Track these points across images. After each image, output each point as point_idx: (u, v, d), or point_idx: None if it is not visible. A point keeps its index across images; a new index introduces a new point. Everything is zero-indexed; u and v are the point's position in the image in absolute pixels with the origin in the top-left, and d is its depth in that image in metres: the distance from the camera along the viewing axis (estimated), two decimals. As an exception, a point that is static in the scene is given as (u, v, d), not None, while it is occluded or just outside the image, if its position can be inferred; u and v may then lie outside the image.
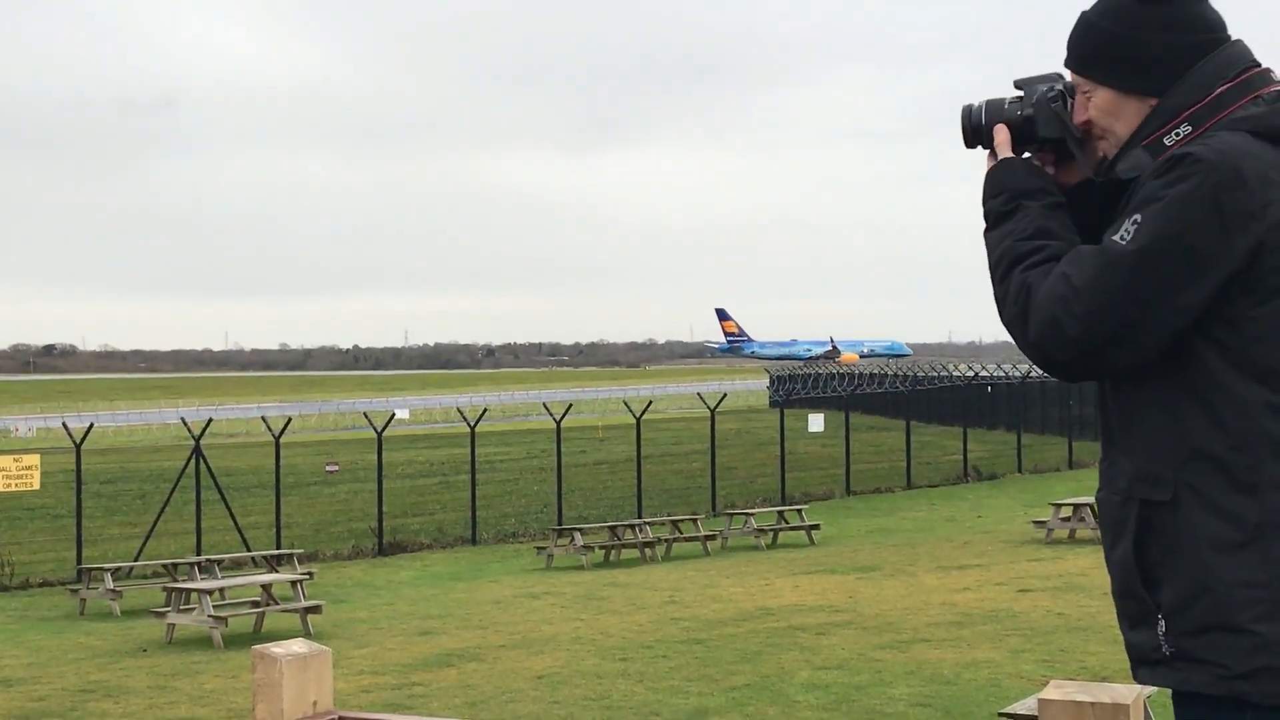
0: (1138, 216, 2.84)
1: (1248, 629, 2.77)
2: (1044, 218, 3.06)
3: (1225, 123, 2.91)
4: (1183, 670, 2.85)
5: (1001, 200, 3.12)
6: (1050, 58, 3.21)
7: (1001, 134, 3.19)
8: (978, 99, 3.28)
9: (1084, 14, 3.12)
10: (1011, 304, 2.99)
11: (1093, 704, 2.85)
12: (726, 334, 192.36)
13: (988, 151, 3.22)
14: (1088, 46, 3.09)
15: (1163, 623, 2.86)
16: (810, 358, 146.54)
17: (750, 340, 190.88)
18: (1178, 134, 2.93)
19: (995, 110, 3.23)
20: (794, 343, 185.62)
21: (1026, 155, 3.21)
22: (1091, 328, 2.85)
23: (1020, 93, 3.23)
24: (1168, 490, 2.87)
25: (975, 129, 3.24)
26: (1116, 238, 2.86)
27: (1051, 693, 2.91)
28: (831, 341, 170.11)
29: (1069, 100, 3.16)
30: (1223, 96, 2.94)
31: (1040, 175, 3.15)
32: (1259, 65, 3.00)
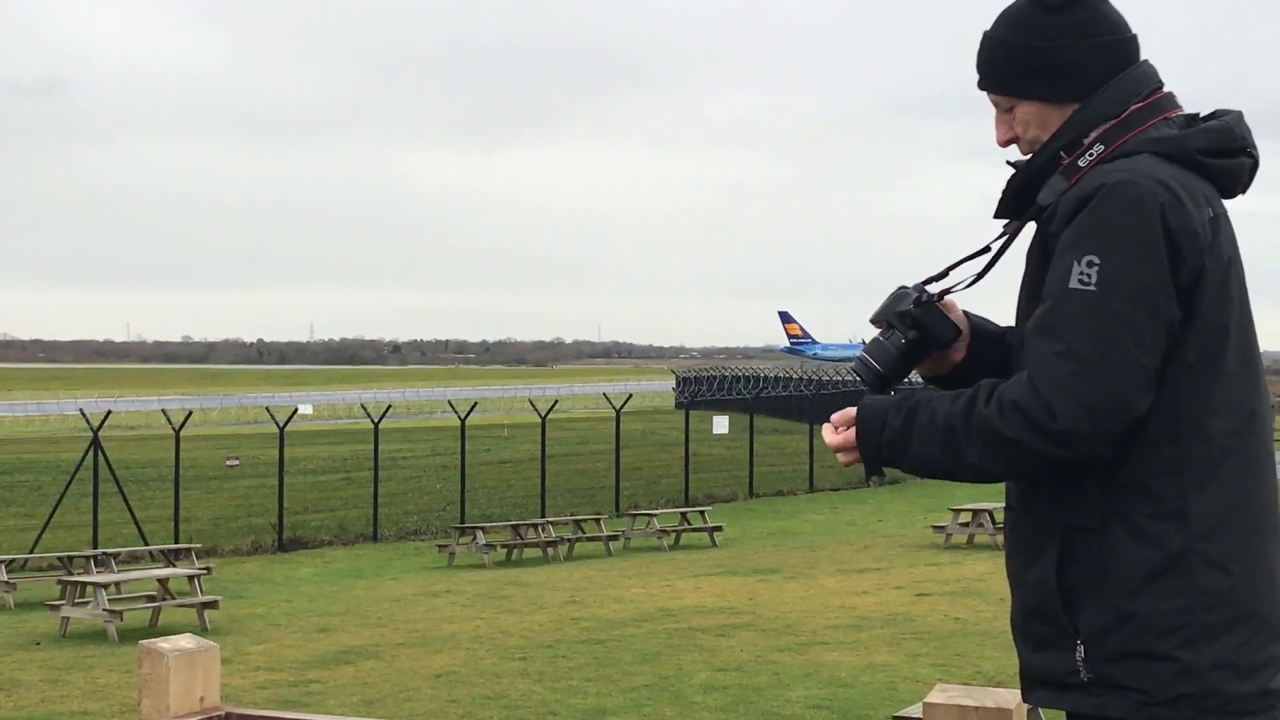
0: (1092, 257, 2.76)
1: (1170, 656, 2.76)
2: (939, 390, 2.98)
3: (1135, 142, 2.91)
4: (1101, 696, 2.81)
5: (893, 420, 2.92)
6: (954, 63, 3.21)
7: (838, 418, 3.01)
8: (850, 365, 3.16)
9: (988, 33, 3.08)
10: (1006, 428, 2.78)
11: (976, 707, 2.88)
12: (790, 337, 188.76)
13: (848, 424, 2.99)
14: (1001, 64, 3.05)
15: (1082, 648, 2.82)
16: None
17: (814, 343, 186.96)
18: (1091, 155, 2.92)
19: (879, 352, 3.11)
20: (862, 344, 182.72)
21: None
22: (1111, 380, 2.74)
23: (882, 326, 3.13)
24: (1096, 516, 2.82)
25: (879, 377, 3.10)
26: (1076, 285, 2.77)
27: (936, 696, 2.93)
28: (864, 344, 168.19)
29: (931, 298, 3.09)
30: (1133, 116, 2.94)
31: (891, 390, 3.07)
32: (1163, 87, 3.01)
